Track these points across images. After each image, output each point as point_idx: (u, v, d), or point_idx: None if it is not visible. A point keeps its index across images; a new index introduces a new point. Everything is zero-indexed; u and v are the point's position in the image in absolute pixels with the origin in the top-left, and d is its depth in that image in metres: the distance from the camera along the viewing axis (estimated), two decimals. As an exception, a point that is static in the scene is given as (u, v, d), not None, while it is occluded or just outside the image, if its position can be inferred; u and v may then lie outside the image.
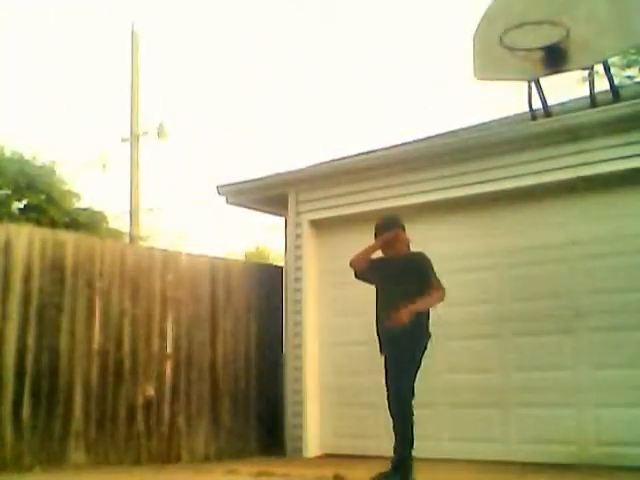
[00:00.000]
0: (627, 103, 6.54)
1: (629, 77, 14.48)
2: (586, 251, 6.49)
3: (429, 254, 5.15)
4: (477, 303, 6.92)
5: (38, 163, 19.79)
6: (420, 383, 7.08)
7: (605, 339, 6.30)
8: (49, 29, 39.44)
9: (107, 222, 19.49)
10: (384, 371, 5.04)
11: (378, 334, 5.16)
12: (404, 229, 5.24)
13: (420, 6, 37.77)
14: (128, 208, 15.48)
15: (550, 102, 7.10)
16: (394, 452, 4.78)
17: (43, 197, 18.94)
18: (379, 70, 37.82)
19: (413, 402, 4.82)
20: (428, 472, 6.10)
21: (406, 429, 4.75)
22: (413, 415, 4.78)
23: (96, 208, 19.67)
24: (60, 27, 40.47)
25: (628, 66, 14.84)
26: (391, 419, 4.82)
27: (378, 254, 5.25)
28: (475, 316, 6.90)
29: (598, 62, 6.91)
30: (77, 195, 20.10)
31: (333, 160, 8.35)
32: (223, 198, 8.67)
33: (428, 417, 7.03)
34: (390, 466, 4.75)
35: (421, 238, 7.37)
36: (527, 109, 7.10)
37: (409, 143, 8.06)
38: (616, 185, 6.38)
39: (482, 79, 7.37)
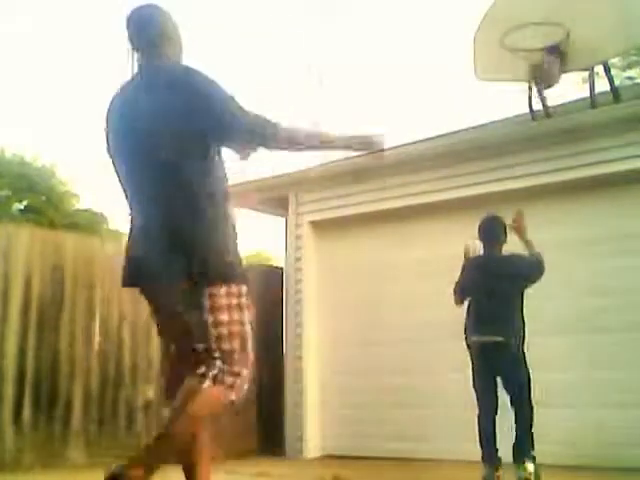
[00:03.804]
0: (627, 104, 6.54)
1: (629, 78, 14.48)
2: (586, 251, 6.49)
3: (431, 256, 5.14)
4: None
5: (38, 165, 19.84)
6: (419, 384, 7.15)
7: (606, 339, 6.29)
8: (50, 29, 39.50)
9: (107, 223, 19.55)
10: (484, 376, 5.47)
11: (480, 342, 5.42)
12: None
13: (421, 5, 37.85)
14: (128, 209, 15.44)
15: (550, 103, 7.09)
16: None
17: (43, 198, 18.99)
18: (380, 70, 37.85)
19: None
20: (430, 472, 6.12)
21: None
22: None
23: (96, 209, 19.75)
24: (61, 27, 40.54)
25: (629, 67, 14.85)
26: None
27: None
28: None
29: (598, 63, 6.91)
30: (77, 196, 20.17)
31: (333, 161, 8.33)
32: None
33: (428, 418, 7.05)
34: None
35: (422, 238, 7.43)
36: (527, 110, 7.10)
37: (409, 144, 8.05)
38: (617, 186, 6.38)
39: (483, 80, 7.37)
